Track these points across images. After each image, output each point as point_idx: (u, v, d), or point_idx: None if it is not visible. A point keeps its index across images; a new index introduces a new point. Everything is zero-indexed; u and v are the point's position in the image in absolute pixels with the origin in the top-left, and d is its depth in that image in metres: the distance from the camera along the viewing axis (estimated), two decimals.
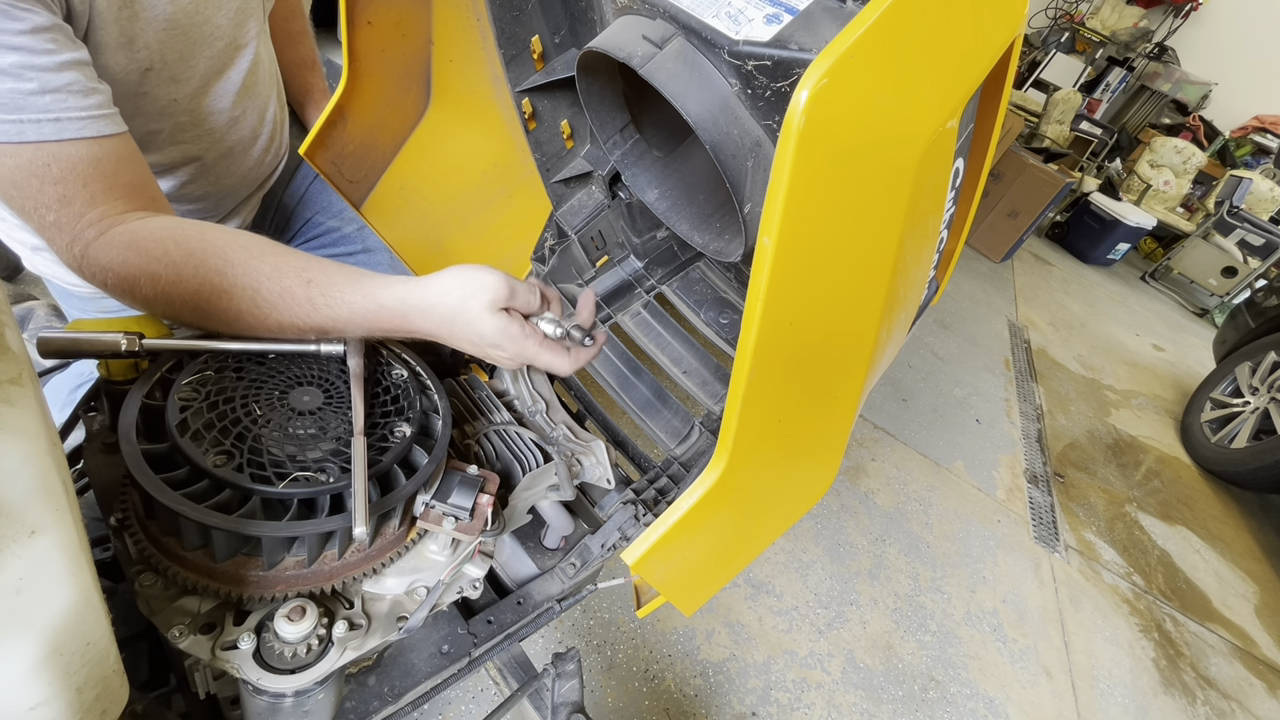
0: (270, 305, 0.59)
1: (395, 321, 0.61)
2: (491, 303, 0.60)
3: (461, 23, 0.85)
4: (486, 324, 0.61)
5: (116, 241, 0.62)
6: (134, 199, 0.66)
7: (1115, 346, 4.53)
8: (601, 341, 0.71)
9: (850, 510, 2.25)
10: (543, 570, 0.77)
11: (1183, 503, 3.10)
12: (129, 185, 0.66)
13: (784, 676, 1.67)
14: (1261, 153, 6.66)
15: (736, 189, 0.62)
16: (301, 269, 0.60)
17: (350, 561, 0.52)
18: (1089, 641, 2.15)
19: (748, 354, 0.48)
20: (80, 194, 0.63)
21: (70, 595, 0.29)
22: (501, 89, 0.88)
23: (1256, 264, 5.46)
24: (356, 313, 0.60)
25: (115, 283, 0.62)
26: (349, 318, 0.60)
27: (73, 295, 0.96)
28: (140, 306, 0.63)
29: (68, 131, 0.61)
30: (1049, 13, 7.16)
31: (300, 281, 0.60)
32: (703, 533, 0.63)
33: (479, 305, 0.60)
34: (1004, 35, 0.52)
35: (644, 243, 0.95)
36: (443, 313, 0.60)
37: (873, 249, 0.52)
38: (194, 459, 0.47)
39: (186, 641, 0.46)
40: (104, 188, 0.64)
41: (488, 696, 1.36)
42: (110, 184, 0.64)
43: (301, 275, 0.60)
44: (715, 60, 0.57)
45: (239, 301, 0.59)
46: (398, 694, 0.62)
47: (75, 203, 0.62)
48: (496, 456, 0.71)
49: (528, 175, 0.95)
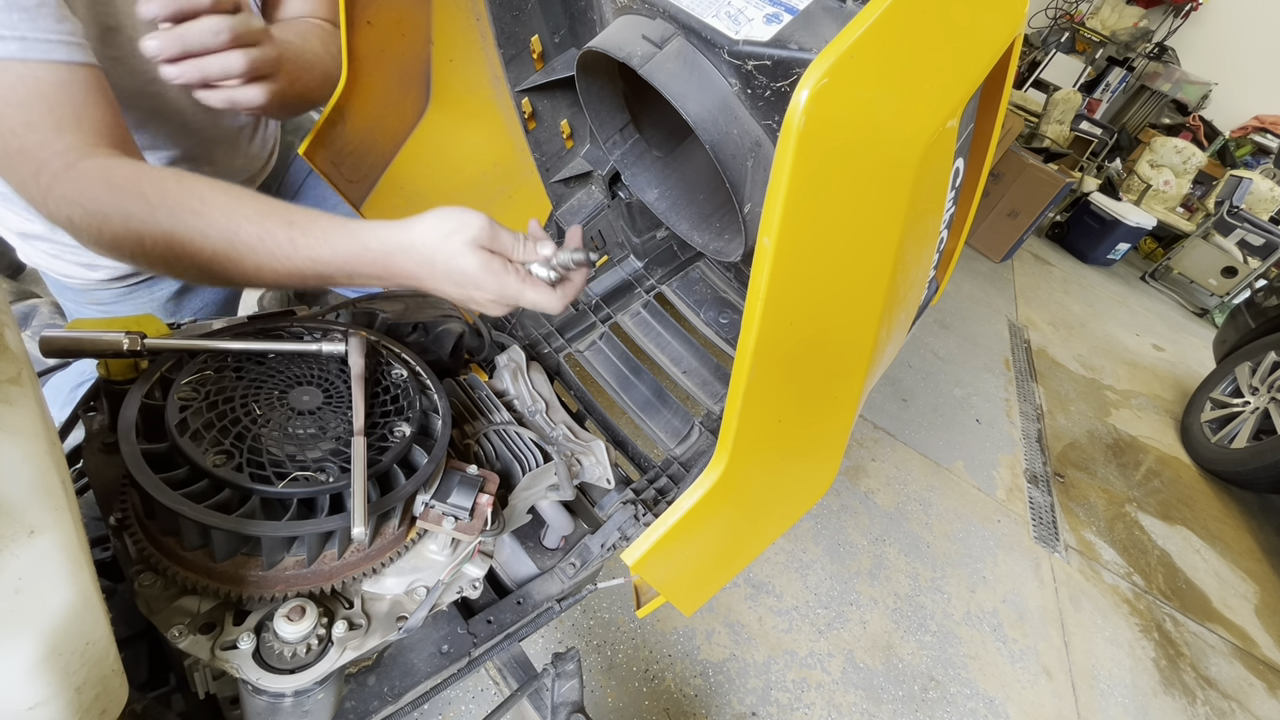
0: (249, 248, 0.58)
1: (378, 263, 0.60)
2: (473, 239, 0.60)
3: (461, 23, 0.85)
4: (467, 260, 0.60)
5: (87, 175, 0.59)
6: (104, 137, 0.63)
7: (1115, 346, 4.53)
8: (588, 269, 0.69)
9: (850, 510, 2.24)
10: (543, 570, 0.77)
11: (1183, 503, 3.10)
12: (100, 122, 0.63)
13: (784, 676, 1.67)
14: (1261, 153, 6.66)
15: (736, 189, 0.62)
16: (284, 211, 0.59)
17: (350, 561, 0.52)
18: (1089, 641, 2.15)
19: (748, 354, 0.48)
20: (46, 120, 0.59)
21: (70, 595, 0.29)
22: (501, 89, 0.88)
23: (1256, 264, 5.46)
24: (339, 254, 0.59)
25: (83, 219, 0.59)
26: (330, 259, 0.59)
27: (67, 288, 0.95)
28: (106, 248, 0.60)
29: (34, 51, 0.58)
30: (1049, 13, 7.16)
31: (282, 223, 0.58)
32: (703, 533, 0.63)
33: (460, 241, 0.59)
34: (1004, 35, 0.52)
35: (644, 243, 0.95)
36: (424, 251, 0.60)
37: (873, 248, 0.52)
38: (194, 459, 0.47)
39: (186, 641, 0.46)
40: (72, 118, 0.61)
41: (488, 696, 1.36)
42: (79, 115, 0.61)
43: (284, 217, 0.59)
44: (715, 60, 0.57)
45: (215, 243, 0.57)
46: (398, 694, 0.62)
47: (41, 129, 0.59)
48: (496, 456, 0.71)
49: (527, 175, 0.95)
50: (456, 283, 0.62)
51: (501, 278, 0.61)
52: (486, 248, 0.61)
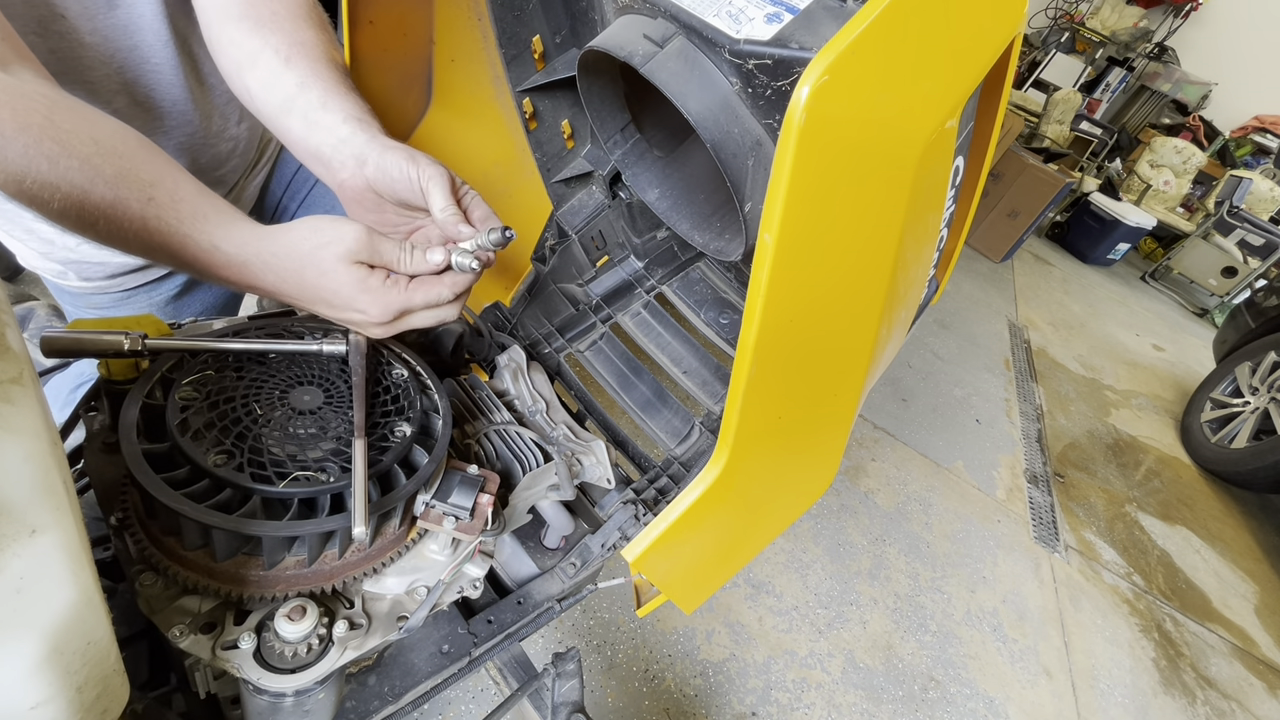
0: (99, 212, 0.51)
1: (232, 273, 0.53)
2: (348, 253, 0.53)
3: (463, 22, 0.85)
4: (341, 277, 0.53)
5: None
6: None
7: (1115, 346, 4.53)
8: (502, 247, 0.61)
9: (850, 510, 2.24)
10: (543, 570, 0.77)
11: (1183, 503, 3.10)
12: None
13: (784, 676, 1.67)
14: (1261, 153, 6.67)
15: (737, 188, 0.62)
16: (149, 184, 0.52)
17: (350, 561, 0.52)
18: (1089, 641, 2.15)
19: (748, 353, 0.48)
20: None
21: (71, 595, 0.29)
22: (502, 89, 0.88)
23: (1256, 264, 5.46)
24: (188, 249, 0.52)
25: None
26: (179, 250, 0.52)
27: (66, 291, 0.95)
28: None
29: None
30: (1049, 13, 7.17)
31: (139, 196, 0.51)
32: (703, 531, 0.63)
33: (332, 256, 0.52)
34: (1004, 34, 0.52)
35: (644, 243, 0.95)
36: (290, 265, 0.53)
37: (873, 247, 0.52)
38: (194, 458, 0.47)
39: (187, 641, 0.46)
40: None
41: (488, 696, 1.36)
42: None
43: (144, 190, 0.51)
44: (716, 59, 0.57)
45: (63, 199, 0.50)
46: (398, 694, 0.62)
47: None
48: (496, 456, 0.71)
49: (528, 175, 0.95)
50: (329, 303, 0.55)
51: (382, 296, 0.54)
52: (364, 262, 0.54)
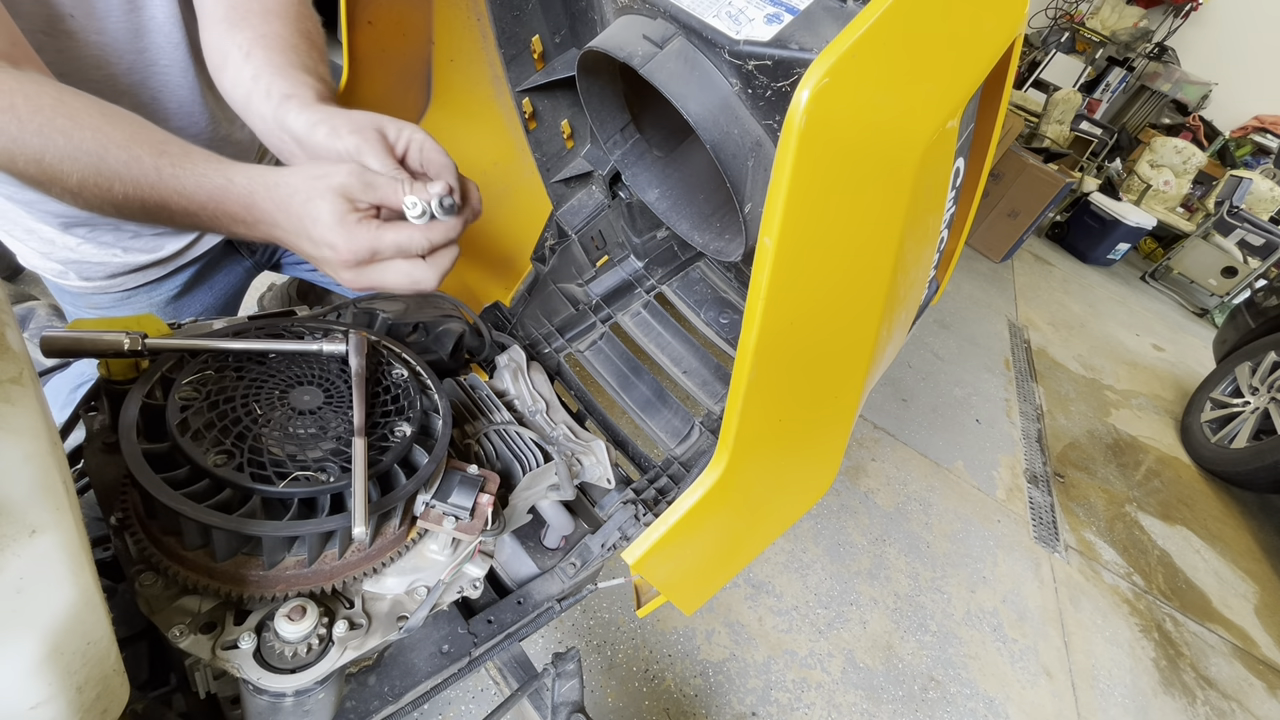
0: (115, 174, 0.55)
1: (241, 201, 0.57)
2: (339, 186, 0.55)
3: (462, 22, 0.85)
4: (323, 207, 0.54)
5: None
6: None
7: (1115, 346, 4.53)
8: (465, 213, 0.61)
9: (850, 510, 2.24)
10: (543, 570, 0.77)
11: (1183, 503, 3.10)
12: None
13: (784, 676, 1.67)
14: (1261, 153, 6.67)
15: (737, 188, 0.62)
16: (160, 141, 0.57)
17: (350, 561, 0.52)
18: (1089, 641, 2.15)
19: (748, 353, 0.48)
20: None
21: (71, 595, 0.29)
22: (502, 89, 0.88)
23: (1256, 264, 5.46)
24: (203, 186, 0.56)
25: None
26: (195, 192, 0.56)
27: (66, 291, 0.95)
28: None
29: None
30: (1049, 13, 7.17)
31: (152, 151, 0.56)
32: (703, 532, 0.63)
33: (323, 187, 0.55)
34: (1004, 35, 0.52)
35: (644, 243, 0.95)
36: (285, 194, 0.55)
37: (873, 248, 0.52)
38: (194, 458, 0.47)
39: (187, 641, 0.46)
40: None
41: (488, 696, 1.36)
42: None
43: (157, 146, 0.56)
44: (716, 60, 0.57)
45: (83, 167, 0.54)
46: (398, 693, 0.62)
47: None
48: (496, 456, 0.71)
49: (528, 175, 0.95)
50: (309, 235, 0.56)
51: (353, 231, 0.55)
52: (351, 199, 0.55)
